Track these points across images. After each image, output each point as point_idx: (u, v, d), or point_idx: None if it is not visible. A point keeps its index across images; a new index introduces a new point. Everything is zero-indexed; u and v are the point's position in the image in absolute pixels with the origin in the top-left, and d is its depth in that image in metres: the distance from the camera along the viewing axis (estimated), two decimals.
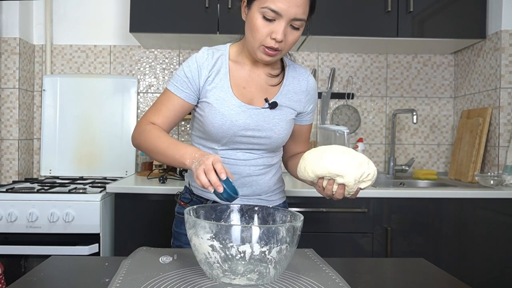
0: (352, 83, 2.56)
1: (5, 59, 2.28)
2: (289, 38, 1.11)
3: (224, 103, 1.18)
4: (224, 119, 1.17)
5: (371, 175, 1.04)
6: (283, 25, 1.08)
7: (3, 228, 1.77)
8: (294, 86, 1.26)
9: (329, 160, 1.03)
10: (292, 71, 1.27)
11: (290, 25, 1.10)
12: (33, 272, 0.95)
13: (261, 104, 1.21)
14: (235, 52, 1.24)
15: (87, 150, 2.38)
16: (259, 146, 1.22)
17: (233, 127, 1.17)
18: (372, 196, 1.86)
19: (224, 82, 1.20)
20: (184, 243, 1.29)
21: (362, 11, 2.15)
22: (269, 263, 0.85)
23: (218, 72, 1.20)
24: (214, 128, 1.18)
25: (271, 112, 1.20)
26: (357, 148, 2.34)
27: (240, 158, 1.23)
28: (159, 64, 2.52)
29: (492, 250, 1.88)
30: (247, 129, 1.19)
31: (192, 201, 1.29)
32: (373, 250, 1.87)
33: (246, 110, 1.18)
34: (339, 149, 1.05)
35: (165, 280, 0.88)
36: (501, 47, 2.13)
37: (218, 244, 0.83)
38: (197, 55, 1.21)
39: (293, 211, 0.97)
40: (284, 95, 1.23)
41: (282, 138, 1.23)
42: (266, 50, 1.11)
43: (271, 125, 1.20)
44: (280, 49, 1.12)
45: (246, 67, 1.23)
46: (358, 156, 1.04)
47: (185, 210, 0.92)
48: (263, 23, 1.09)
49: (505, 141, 2.13)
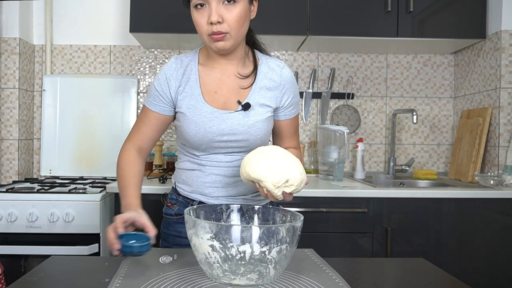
0: (352, 83, 2.56)
1: (5, 59, 2.28)
2: (227, 16, 1.08)
3: (196, 111, 1.17)
4: (198, 128, 1.17)
5: (292, 181, 1.01)
6: (213, 6, 1.07)
7: (3, 228, 1.77)
8: (267, 82, 1.21)
9: (251, 165, 1.02)
10: (264, 67, 1.22)
11: (223, 3, 1.08)
12: (33, 272, 0.95)
13: (234, 107, 1.18)
14: (204, 56, 1.23)
15: (87, 150, 2.38)
16: (239, 148, 1.21)
17: (207, 134, 1.17)
18: (372, 196, 1.86)
19: (195, 89, 1.19)
20: (172, 244, 1.29)
21: (362, 11, 2.15)
22: (269, 263, 0.85)
23: (188, 80, 1.20)
24: (190, 137, 1.19)
25: (245, 114, 1.18)
26: (357, 148, 2.34)
27: (223, 160, 1.22)
28: (159, 64, 2.52)
29: (492, 250, 1.88)
30: (222, 134, 1.18)
31: (178, 201, 1.29)
32: (373, 250, 1.87)
33: (219, 115, 1.17)
34: (266, 154, 1.03)
35: (165, 280, 0.88)
36: (501, 47, 2.13)
37: (218, 244, 0.83)
38: (165, 67, 1.22)
39: (293, 211, 0.97)
40: (257, 93, 1.20)
41: (261, 138, 1.21)
42: (212, 37, 1.10)
43: (247, 127, 1.18)
44: (225, 31, 1.09)
45: (215, 70, 1.21)
46: (283, 161, 1.01)
47: (185, 210, 0.92)
48: (198, 14, 1.11)
49: (505, 141, 2.13)
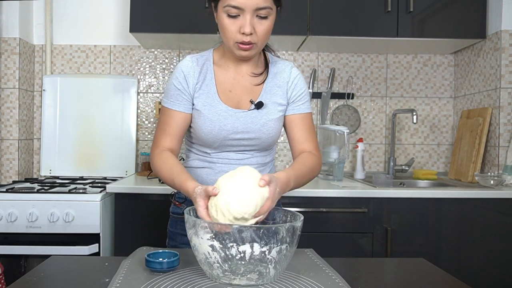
0: (352, 83, 2.56)
1: (5, 59, 2.28)
2: (259, 28, 1.12)
3: (212, 109, 1.20)
4: (213, 125, 1.19)
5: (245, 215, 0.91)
6: (248, 17, 1.09)
7: (3, 228, 1.77)
8: (277, 81, 1.26)
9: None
10: (274, 67, 1.28)
11: (256, 16, 1.11)
12: (33, 272, 0.95)
13: (247, 106, 1.23)
14: (218, 56, 1.27)
15: (87, 150, 2.38)
16: (250, 147, 1.25)
17: (222, 132, 1.20)
18: (372, 196, 1.86)
19: (210, 88, 1.22)
20: (180, 243, 1.29)
21: (362, 11, 2.15)
22: (269, 263, 0.85)
23: (204, 78, 1.23)
24: (204, 134, 1.21)
25: (258, 113, 1.22)
26: (357, 148, 2.34)
27: (233, 158, 1.25)
28: (159, 64, 2.52)
29: (492, 250, 1.88)
30: (236, 132, 1.21)
31: (186, 200, 1.29)
32: (373, 250, 1.87)
33: (233, 114, 1.21)
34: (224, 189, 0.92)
35: (165, 280, 0.88)
36: (501, 47, 2.13)
37: (218, 244, 0.83)
38: (182, 64, 1.24)
39: (293, 211, 0.97)
40: (268, 91, 1.24)
41: (272, 137, 1.25)
42: (240, 46, 1.13)
43: (259, 126, 1.22)
44: (254, 42, 1.13)
45: (230, 70, 1.25)
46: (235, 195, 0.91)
47: (185, 210, 0.92)
48: (229, 21, 1.11)
49: (505, 141, 2.13)
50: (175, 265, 0.94)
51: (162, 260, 0.93)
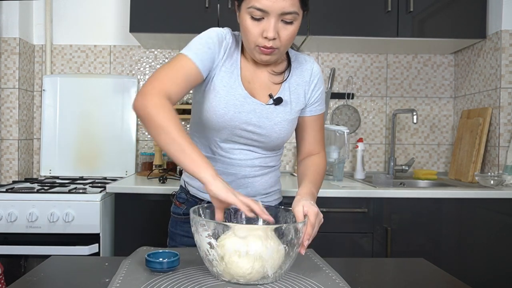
0: (352, 83, 2.56)
1: (5, 59, 2.28)
2: (283, 34, 1.06)
3: (231, 91, 1.13)
4: (227, 109, 1.12)
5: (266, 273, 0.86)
6: (273, 22, 1.03)
7: (3, 228, 1.76)
8: (298, 78, 1.21)
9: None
10: (296, 64, 1.23)
11: (281, 21, 1.05)
12: (33, 272, 0.95)
13: (265, 101, 1.17)
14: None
15: (87, 150, 2.38)
16: (258, 143, 1.19)
17: (235, 118, 1.13)
18: (372, 196, 1.86)
19: (235, 68, 1.15)
20: (179, 243, 1.28)
21: (362, 11, 2.15)
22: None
23: (231, 56, 1.15)
24: (217, 117, 1.12)
25: (275, 109, 1.16)
26: (357, 148, 2.34)
27: (237, 158, 1.20)
28: (159, 64, 2.52)
29: (492, 250, 1.88)
30: (248, 123, 1.15)
31: (187, 201, 1.28)
32: (373, 250, 1.87)
33: (251, 103, 1.14)
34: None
35: (165, 280, 0.88)
36: (501, 47, 2.13)
37: (215, 242, 0.83)
38: (219, 30, 1.14)
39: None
40: (287, 89, 1.20)
41: (282, 138, 1.20)
42: (261, 49, 1.08)
43: (273, 123, 1.16)
44: (276, 47, 1.07)
45: (250, 62, 1.19)
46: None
47: (191, 209, 0.93)
48: (252, 23, 1.05)
49: (505, 141, 2.13)
50: (175, 265, 0.94)
51: (162, 260, 0.93)
